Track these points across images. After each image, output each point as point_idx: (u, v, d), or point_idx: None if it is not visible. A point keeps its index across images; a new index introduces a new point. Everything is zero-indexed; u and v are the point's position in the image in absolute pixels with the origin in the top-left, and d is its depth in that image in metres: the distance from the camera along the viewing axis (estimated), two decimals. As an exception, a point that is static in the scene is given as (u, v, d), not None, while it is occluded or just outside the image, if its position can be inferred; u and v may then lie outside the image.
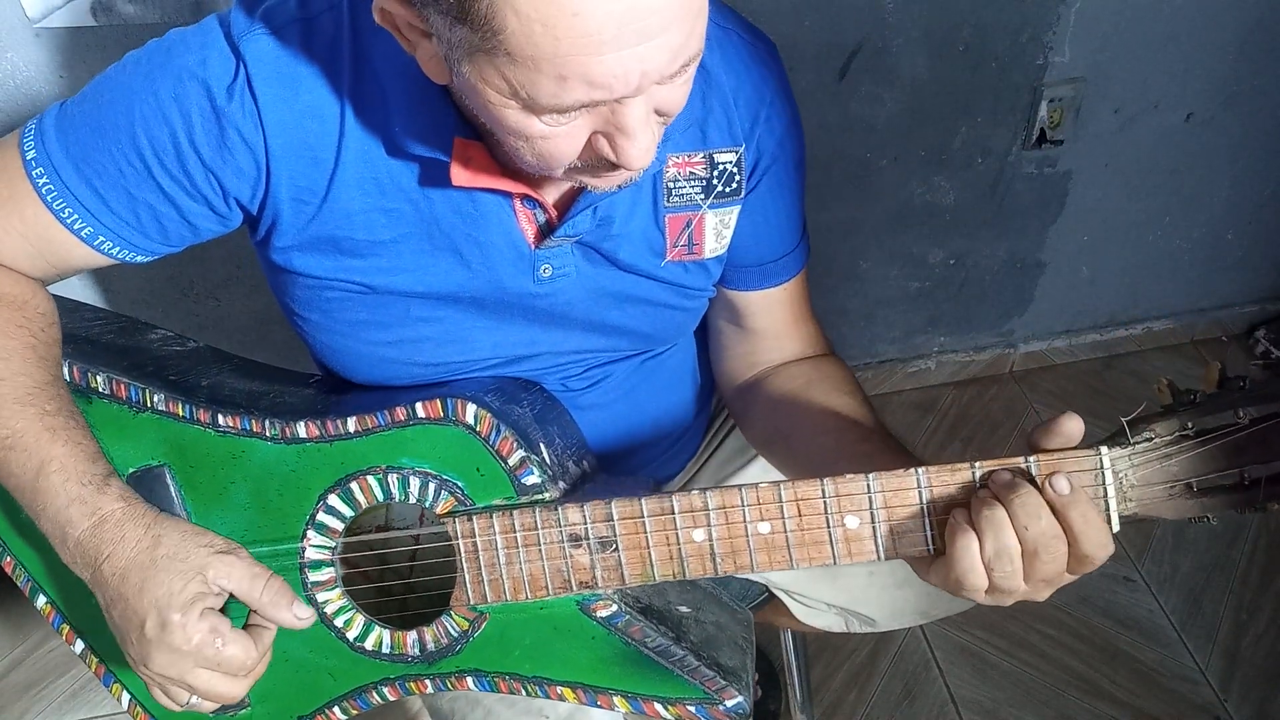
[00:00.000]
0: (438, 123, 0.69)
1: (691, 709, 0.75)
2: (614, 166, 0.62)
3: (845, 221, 1.70)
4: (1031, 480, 0.63)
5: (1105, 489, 0.63)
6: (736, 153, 0.78)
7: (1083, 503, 0.62)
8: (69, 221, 0.73)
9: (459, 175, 0.70)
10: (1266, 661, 1.53)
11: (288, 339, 1.59)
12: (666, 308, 0.84)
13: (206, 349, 0.88)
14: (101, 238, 0.74)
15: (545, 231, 0.75)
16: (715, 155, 0.77)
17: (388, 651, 0.78)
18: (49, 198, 0.72)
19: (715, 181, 0.78)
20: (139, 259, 0.77)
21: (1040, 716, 1.47)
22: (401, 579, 0.82)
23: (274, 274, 0.80)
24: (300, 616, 0.73)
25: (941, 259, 1.82)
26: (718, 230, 0.81)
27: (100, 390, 0.78)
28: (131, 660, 0.71)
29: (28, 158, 0.72)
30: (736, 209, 0.81)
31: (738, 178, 0.79)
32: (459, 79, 0.59)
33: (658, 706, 0.75)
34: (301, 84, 0.69)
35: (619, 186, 0.67)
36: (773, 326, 0.90)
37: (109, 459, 0.74)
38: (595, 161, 0.62)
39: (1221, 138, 1.75)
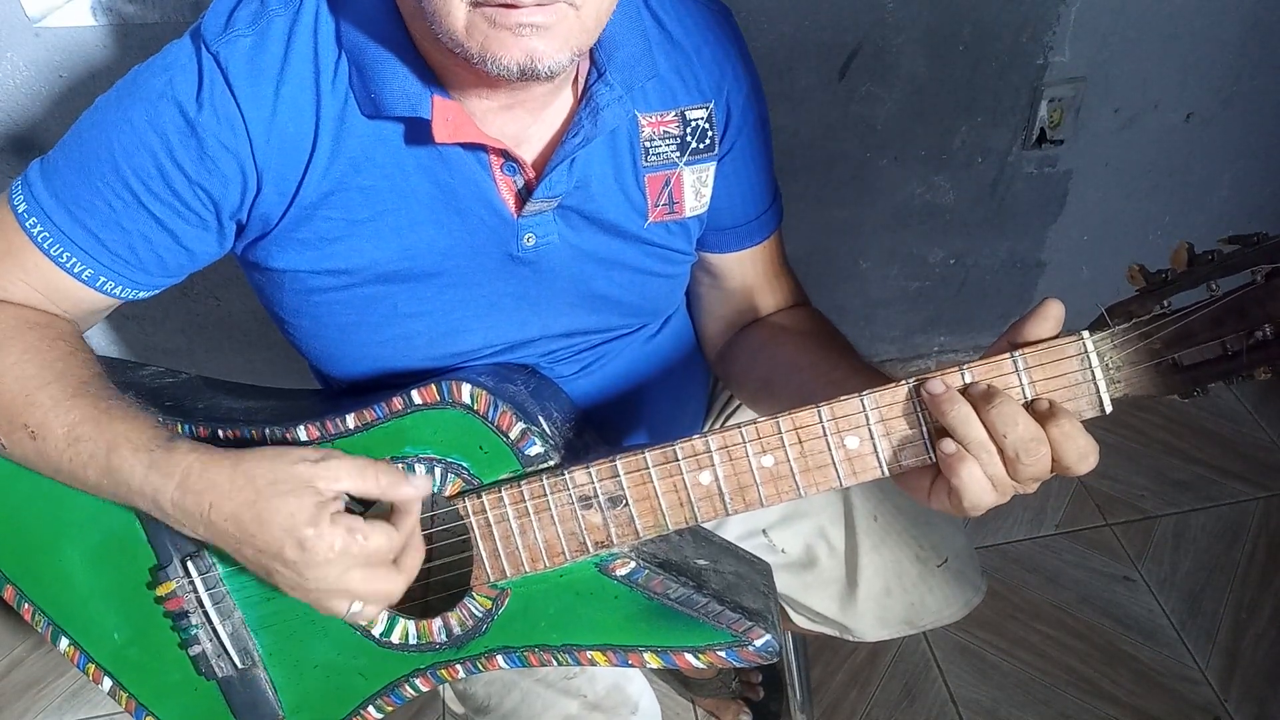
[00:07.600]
0: (414, 85, 0.70)
1: (722, 653, 0.75)
2: None
3: (845, 221, 1.70)
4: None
5: (1093, 371, 0.64)
6: (707, 109, 0.80)
7: (1062, 418, 0.62)
8: (69, 266, 0.74)
9: (441, 130, 0.70)
10: (1266, 661, 1.53)
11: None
12: (651, 274, 0.85)
13: (199, 378, 0.88)
14: (103, 278, 0.75)
15: (525, 197, 0.76)
16: (687, 112, 0.80)
17: (415, 642, 0.78)
18: (46, 245, 0.73)
19: (689, 138, 0.80)
20: (141, 294, 0.78)
21: (1040, 716, 1.47)
22: None
23: (261, 284, 0.81)
24: (417, 485, 0.70)
25: (941, 259, 1.82)
26: (696, 188, 0.83)
27: None
28: (286, 589, 0.70)
29: (19, 211, 0.73)
30: (712, 165, 0.83)
31: (711, 134, 0.81)
32: None
33: (688, 656, 0.75)
34: (279, 77, 0.70)
35: (528, 59, 0.62)
36: (752, 282, 0.92)
37: None
38: None
39: (1221, 138, 1.75)
